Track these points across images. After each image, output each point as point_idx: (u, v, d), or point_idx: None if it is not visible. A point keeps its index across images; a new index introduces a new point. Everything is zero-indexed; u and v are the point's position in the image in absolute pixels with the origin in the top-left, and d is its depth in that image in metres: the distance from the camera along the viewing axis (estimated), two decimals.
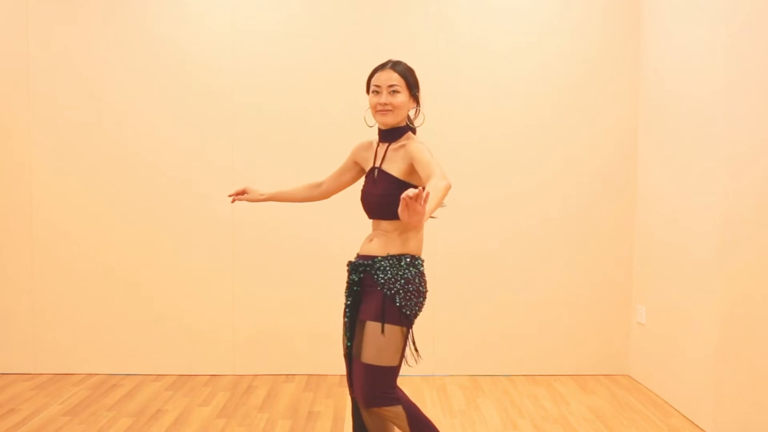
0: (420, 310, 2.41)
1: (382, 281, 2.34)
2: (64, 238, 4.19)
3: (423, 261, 2.45)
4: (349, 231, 4.12)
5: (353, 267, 2.43)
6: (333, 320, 4.21)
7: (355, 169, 2.64)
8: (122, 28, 4.14)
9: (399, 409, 2.31)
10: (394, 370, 2.33)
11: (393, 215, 2.33)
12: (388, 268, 2.35)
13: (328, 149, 4.12)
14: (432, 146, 4.08)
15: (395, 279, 2.34)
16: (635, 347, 4.18)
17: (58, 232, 4.19)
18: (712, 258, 3.30)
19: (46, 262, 4.20)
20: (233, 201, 2.81)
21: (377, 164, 2.46)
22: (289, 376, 4.21)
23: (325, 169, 4.07)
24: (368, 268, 2.38)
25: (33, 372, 4.22)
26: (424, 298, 2.42)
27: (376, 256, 2.38)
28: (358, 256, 2.48)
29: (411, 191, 1.83)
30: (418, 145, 2.34)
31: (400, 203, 1.85)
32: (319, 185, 2.77)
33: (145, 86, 4.16)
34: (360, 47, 4.13)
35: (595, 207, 4.23)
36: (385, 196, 2.37)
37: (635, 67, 4.16)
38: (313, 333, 4.23)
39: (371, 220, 2.50)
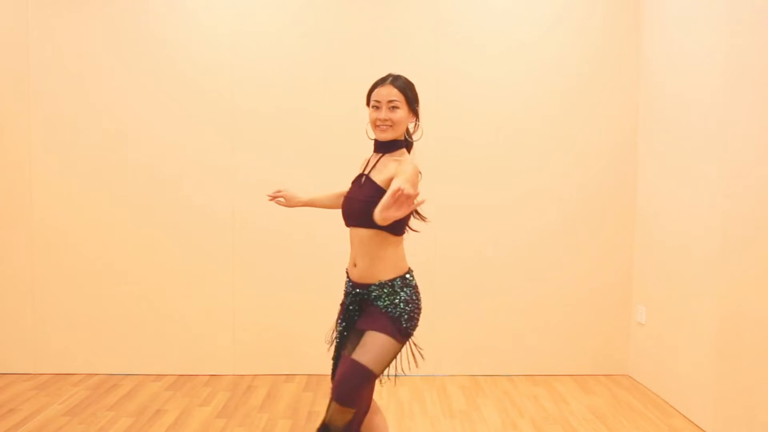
0: (418, 321, 2.42)
1: (382, 306, 2.34)
2: (63, 239, 4.19)
3: (412, 271, 2.44)
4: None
5: (351, 298, 2.42)
6: (333, 320, 4.21)
7: None
8: (122, 28, 4.14)
9: (351, 412, 2.27)
10: (376, 379, 2.33)
11: (373, 223, 2.25)
12: (384, 296, 2.35)
13: (328, 150, 4.12)
14: (430, 147, 4.09)
15: (394, 305, 2.34)
16: (635, 347, 4.18)
17: (58, 232, 4.19)
18: (711, 258, 3.30)
19: (46, 262, 4.20)
20: (271, 200, 2.77)
21: (366, 171, 2.45)
22: (289, 376, 4.21)
23: (324, 170, 4.10)
24: (365, 296, 2.38)
25: (33, 372, 4.22)
26: (420, 309, 2.43)
27: (369, 285, 2.37)
28: (351, 282, 2.44)
29: (401, 187, 1.91)
30: (411, 167, 2.31)
31: (391, 196, 1.93)
32: (339, 196, 2.72)
33: (144, 86, 4.16)
34: (360, 47, 4.13)
35: (596, 207, 4.23)
36: (369, 202, 2.31)
37: (635, 67, 4.16)
38: (313, 333, 4.23)
39: (348, 231, 2.44)
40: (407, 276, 2.40)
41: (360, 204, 2.37)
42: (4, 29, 4.13)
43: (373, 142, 2.51)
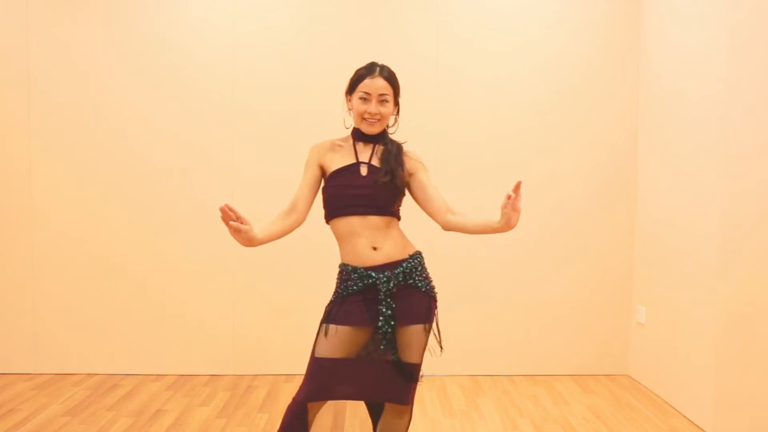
0: None
1: (420, 284, 2.32)
2: (64, 238, 4.19)
3: None
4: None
5: (385, 287, 2.26)
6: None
7: (319, 175, 2.42)
8: (122, 27, 4.14)
9: (410, 409, 2.42)
10: None
11: (388, 210, 2.31)
12: (419, 269, 2.33)
13: None
14: (430, 146, 4.10)
15: (428, 279, 2.36)
16: (635, 347, 4.18)
17: (58, 231, 4.19)
18: (712, 258, 3.30)
19: (46, 262, 4.20)
20: (226, 219, 2.25)
21: (364, 159, 2.35)
22: (289, 376, 4.21)
23: None
24: (400, 278, 2.28)
25: (33, 372, 4.22)
26: None
27: (401, 261, 2.29)
28: (372, 269, 2.28)
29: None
30: (423, 165, 2.39)
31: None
32: (290, 212, 2.40)
33: (145, 86, 4.16)
34: (360, 47, 4.13)
35: (596, 207, 4.23)
36: (386, 189, 2.29)
37: (635, 67, 4.16)
38: (313, 333, 4.22)
39: (349, 221, 2.30)
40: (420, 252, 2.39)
41: (376, 191, 2.28)
42: (4, 29, 4.13)
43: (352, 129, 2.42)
